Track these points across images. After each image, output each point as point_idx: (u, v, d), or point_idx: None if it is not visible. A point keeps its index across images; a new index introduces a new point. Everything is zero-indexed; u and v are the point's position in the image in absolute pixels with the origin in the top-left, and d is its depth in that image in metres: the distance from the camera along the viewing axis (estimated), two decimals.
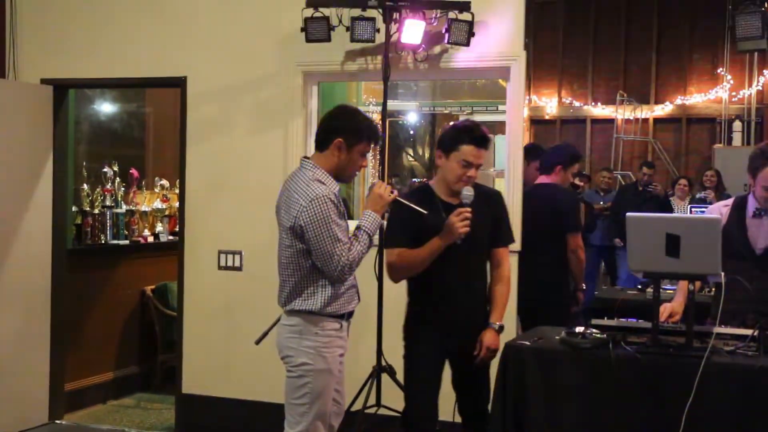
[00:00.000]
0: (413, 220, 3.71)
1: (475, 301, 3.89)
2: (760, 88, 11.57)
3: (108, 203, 6.52)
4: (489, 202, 3.89)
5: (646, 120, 12.53)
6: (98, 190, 6.52)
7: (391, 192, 3.67)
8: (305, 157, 3.68)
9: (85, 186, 6.47)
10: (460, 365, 3.91)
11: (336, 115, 3.67)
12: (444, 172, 3.81)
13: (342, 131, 3.57)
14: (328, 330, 3.58)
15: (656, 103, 12.51)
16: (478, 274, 3.90)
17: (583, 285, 5.37)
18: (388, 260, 3.90)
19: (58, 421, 5.87)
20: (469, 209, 3.67)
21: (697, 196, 9.82)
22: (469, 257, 3.81)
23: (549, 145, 6.65)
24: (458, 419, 3.98)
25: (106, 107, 7.21)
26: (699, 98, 12.28)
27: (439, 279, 3.82)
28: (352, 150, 3.57)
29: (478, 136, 3.73)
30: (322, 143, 3.61)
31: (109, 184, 6.58)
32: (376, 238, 3.78)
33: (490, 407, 3.69)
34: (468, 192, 3.72)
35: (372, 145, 3.67)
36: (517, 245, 4.95)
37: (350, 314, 3.72)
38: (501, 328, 3.81)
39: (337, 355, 3.63)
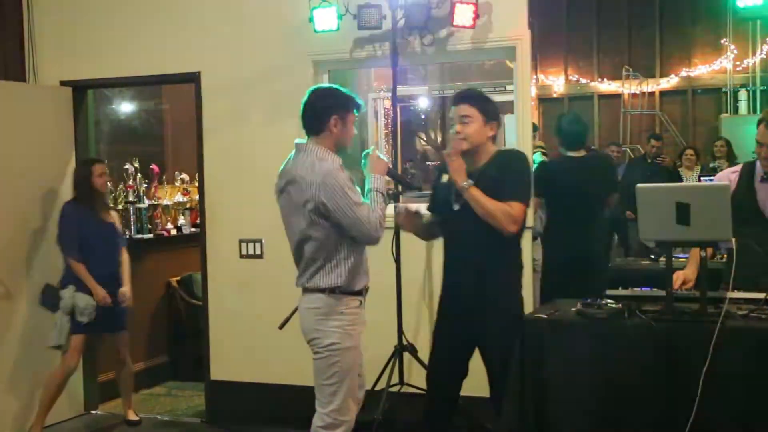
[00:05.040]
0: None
1: (477, 277, 3.67)
2: (764, 56, 11.43)
3: (131, 199, 6.54)
4: (499, 162, 3.72)
5: (652, 93, 12.41)
6: (121, 186, 6.55)
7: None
8: (300, 142, 3.68)
9: (108, 183, 6.48)
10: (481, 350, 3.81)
11: (322, 96, 3.68)
12: None
13: (334, 108, 3.62)
14: (351, 308, 3.61)
15: (661, 76, 12.38)
16: (482, 248, 3.64)
17: None
18: None
19: (93, 411, 5.92)
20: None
21: (710, 165, 9.70)
22: (468, 226, 3.63)
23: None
24: None
25: (124, 106, 7.23)
26: (704, 69, 12.15)
27: (447, 250, 3.87)
28: (346, 121, 3.64)
29: None
30: (317, 127, 3.64)
31: (131, 180, 6.61)
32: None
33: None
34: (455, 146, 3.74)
35: (358, 112, 3.74)
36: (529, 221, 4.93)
37: (367, 290, 3.73)
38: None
39: (360, 333, 3.67)
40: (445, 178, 3.75)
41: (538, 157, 7.25)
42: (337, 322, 3.58)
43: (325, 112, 3.62)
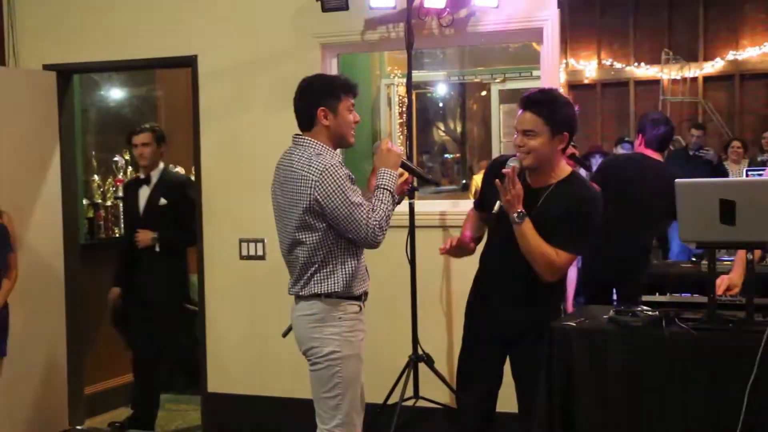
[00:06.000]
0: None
1: (518, 294, 3.69)
2: None
3: (121, 194, 6.56)
4: (567, 198, 3.61)
5: (694, 79, 12.39)
6: (110, 180, 6.59)
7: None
8: (298, 135, 3.69)
9: (96, 177, 6.53)
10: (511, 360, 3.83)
11: (303, 89, 3.69)
12: None
13: (319, 99, 3.61)
14: (350, 313, 3.62)
15: (705, 59, 12.37)
16: (526, 266, 3.62)
17: None
18: None
19: (78, 427, 5.95)
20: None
21: (759, 159, 9.67)
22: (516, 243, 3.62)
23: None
24: None
25: (114, 92, 7.25)
26: (753, 52, 12.11)
27: (487, 260, 3.82)
28: (338, 111, 3.62)
29: None
30: (307, 123, 3.65)
31: (121, 174, 6.64)
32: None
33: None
34: (513, 163, 3.58)
35: (353, 96, 3.68)
36: None
37: (366, 295, 3.73)
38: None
39: (361, 340, 3.67)
40: (496, 206, 3.58)
41: None
42: (335, 328, 3.59)
43: (309, 105, 3.63)
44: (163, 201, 5.70)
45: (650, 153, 5.35)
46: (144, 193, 5.78)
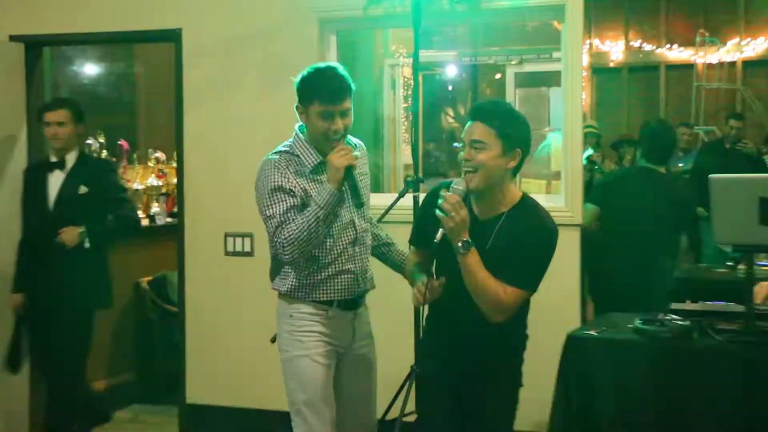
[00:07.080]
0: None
1: (478, 323, 3.43)
2: None
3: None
4: (519, 227, 3.43)
5: (733, 63, 12.35)
6: None
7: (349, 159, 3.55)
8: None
9: None
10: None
11: None
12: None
13: (297, 95, 3.63)
14: (304, 312, 3.69)
15: (745, 42, 12.34)
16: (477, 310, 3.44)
17: None
18: None
19: None
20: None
21: None
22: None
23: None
24: None
25: (88, 68, 7.26)
26: None
27: (436, 301, 3.51)
28: (308, 114, 3.60)
29: None
30: None
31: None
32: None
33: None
34: (458, 186, 3.39)
35: (326, 103, 3.53)
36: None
37: (347, 302, 3.74)
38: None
39: (316, 342, 3.67)
40: (438, 234, 3.36)
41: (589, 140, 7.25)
42: (287, 326, 3.73)
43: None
44: (83, 189, 5.25)
45: (653, 166, 5.55)
46: (56, 179, 5.29)
